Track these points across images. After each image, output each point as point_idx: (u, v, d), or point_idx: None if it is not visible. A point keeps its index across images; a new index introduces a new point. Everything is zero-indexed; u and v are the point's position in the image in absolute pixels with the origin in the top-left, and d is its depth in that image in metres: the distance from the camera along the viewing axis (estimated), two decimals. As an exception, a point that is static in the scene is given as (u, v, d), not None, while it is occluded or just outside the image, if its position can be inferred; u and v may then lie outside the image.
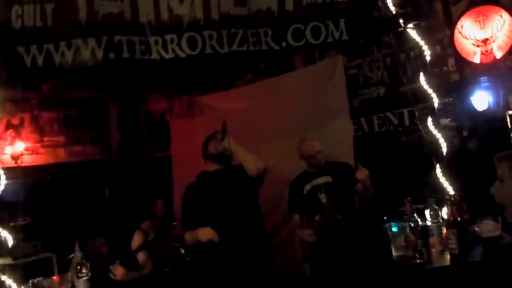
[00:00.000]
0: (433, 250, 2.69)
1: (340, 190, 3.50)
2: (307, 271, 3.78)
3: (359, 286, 3.57)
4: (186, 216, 3.51)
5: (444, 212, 2.68)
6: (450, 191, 3.07)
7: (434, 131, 3.30)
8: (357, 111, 4.93)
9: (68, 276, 3.13)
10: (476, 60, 3.95)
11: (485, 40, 3.91)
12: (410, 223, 2.60)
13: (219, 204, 3.33)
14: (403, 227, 2.65)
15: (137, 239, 3.33)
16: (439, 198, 2.99)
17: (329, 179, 3.68)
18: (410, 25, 3.32)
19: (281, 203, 4.50)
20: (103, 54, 2.94)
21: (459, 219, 2.58)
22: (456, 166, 3.56)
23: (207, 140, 3.51)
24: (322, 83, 4.92)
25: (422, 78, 3.32)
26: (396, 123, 4.62)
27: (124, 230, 3.39)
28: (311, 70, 5.18)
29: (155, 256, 4.00)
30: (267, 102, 5.23)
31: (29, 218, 4.61)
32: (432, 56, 3.70)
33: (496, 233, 2.52)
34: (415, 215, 2.65)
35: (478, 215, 2.71)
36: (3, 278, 2.96)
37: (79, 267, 2.81)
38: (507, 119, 3.78)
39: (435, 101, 3.33)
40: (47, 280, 3.50)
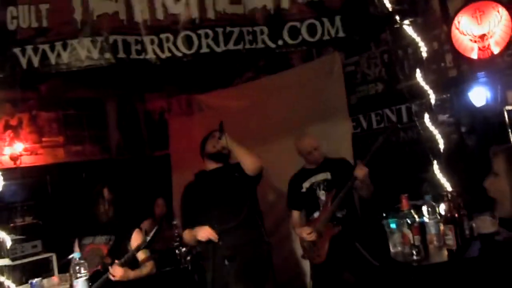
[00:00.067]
0: (430, 246, 2.70)
1: (339, 187, 3.49)
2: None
3: (358, 282, 3.58)
4: (184, 214, 3.52)
5: (442, 208, 2.68)
6: (447, 187, 3.06)
7: (431, 127, 3.30)
8: (355, 108, 4.93)
9: (68, 276, 3.13)
10: (474, 56, 3.96)
11: (482, 36, 3.91)
12: (407, 220, 2.59)
13: (217, 202, 3.34)
14: (401, 224, 2.66)
15: (136, 239, 3.32)
16: (437, 194, 3.00)
17: (328, 176, 3.67)
18: (407, 21, 3.31)
19: (280, 200, 4.50)
20: (98, 54, 2.94)
21: (456, 215, 2.59)
22: (455, 161, 3.56)
23: (205, 139, 3.52)
24: (320, 80, 4.93)
25: (419, 75, 3.31)
26: (394, 119, 4.62)
27: (123, 229, 3.38)
28: (309, 68, 5.19)
29: (155, 256, 4.00)
30: (265, 100, 5.24)
31: (28, 219, 4.61)
32: (429, 53, 3.69)
33: (493, 229, 2.53)
34: (412, 212, 2.64)
35: (476, 211, 2.72)
36: (2, 279, 2.97)
37: (77, 267, 2.80)
38: (505, 114, 3.79)
39: (432, 97, 3.33)
40: (47, 280, 3.52)
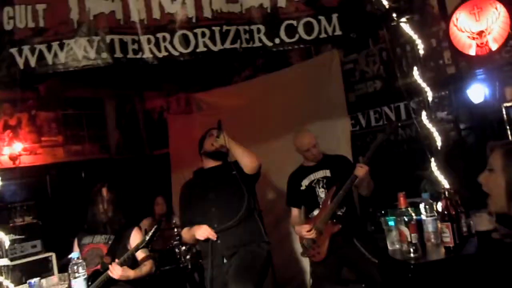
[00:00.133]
0: (428, 243, 2.70)
1: (339, 184, 3.49)
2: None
3: (357, 278, 3.58)
4: (183, 213, 3.52)
5: (439, 206, 2.68)
6: (445, 185, 3.06)
7: (429, 125, 3.29)
8: (353, 106, 4.92)
9: (67, 276, 3.14)
10: (472, 52, 3.95)
11: (480, 33, 3.90)
12: (405, 217, 2.59)
13: (215, 201, 3.34)
14: (398, 221, 2.66)
15: (136, 238, 3.32)
16: (435, 191, 3.00)
17: (327, 173, 3.67)
18: (404, 19, 3.30)
19: (279, 199, 4.51)
20: (95, 54, 2.93)
21: (453, 212, 2.59)
22: (453, 158, 3.56)
23: (203, 137, 3.52)
24: (319, 78, 4.92)
25: (416, 72, 3.31)
26: (392, 117, 4.62)
27: (123, 228, 3.38)
28: (308, 65, 5.19)
29: (155, 255, 4.01)
30: (264, 98, 5.23)
31: (28, 218, 4.62)
32: (427, 50, 3.69)
33: (491, 226, 2.53)
34: (410, 209, 2.64)
35: (474, 208, 2.72)
36: (1, 279, 2.97)
37: (75, 266, 2.80)
38: (503, 111, 3.79)
39: (429, 94, 3.32)
40: (45, 280, 3.53)
